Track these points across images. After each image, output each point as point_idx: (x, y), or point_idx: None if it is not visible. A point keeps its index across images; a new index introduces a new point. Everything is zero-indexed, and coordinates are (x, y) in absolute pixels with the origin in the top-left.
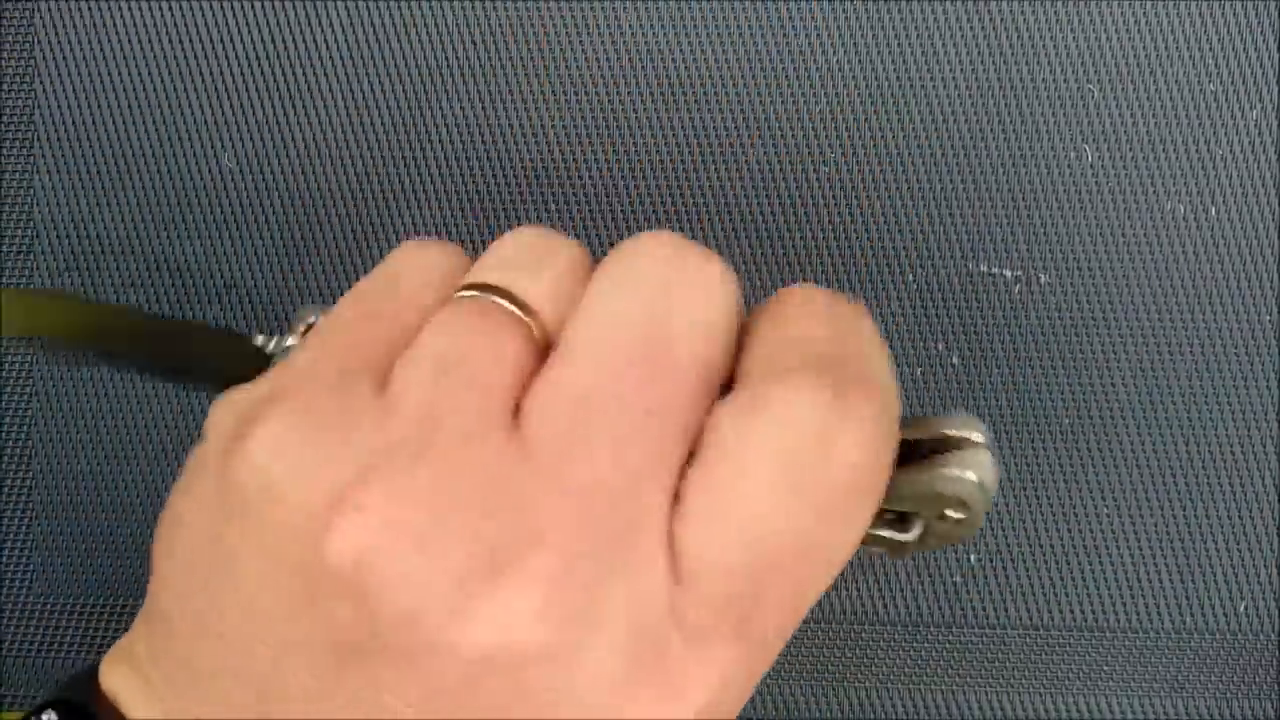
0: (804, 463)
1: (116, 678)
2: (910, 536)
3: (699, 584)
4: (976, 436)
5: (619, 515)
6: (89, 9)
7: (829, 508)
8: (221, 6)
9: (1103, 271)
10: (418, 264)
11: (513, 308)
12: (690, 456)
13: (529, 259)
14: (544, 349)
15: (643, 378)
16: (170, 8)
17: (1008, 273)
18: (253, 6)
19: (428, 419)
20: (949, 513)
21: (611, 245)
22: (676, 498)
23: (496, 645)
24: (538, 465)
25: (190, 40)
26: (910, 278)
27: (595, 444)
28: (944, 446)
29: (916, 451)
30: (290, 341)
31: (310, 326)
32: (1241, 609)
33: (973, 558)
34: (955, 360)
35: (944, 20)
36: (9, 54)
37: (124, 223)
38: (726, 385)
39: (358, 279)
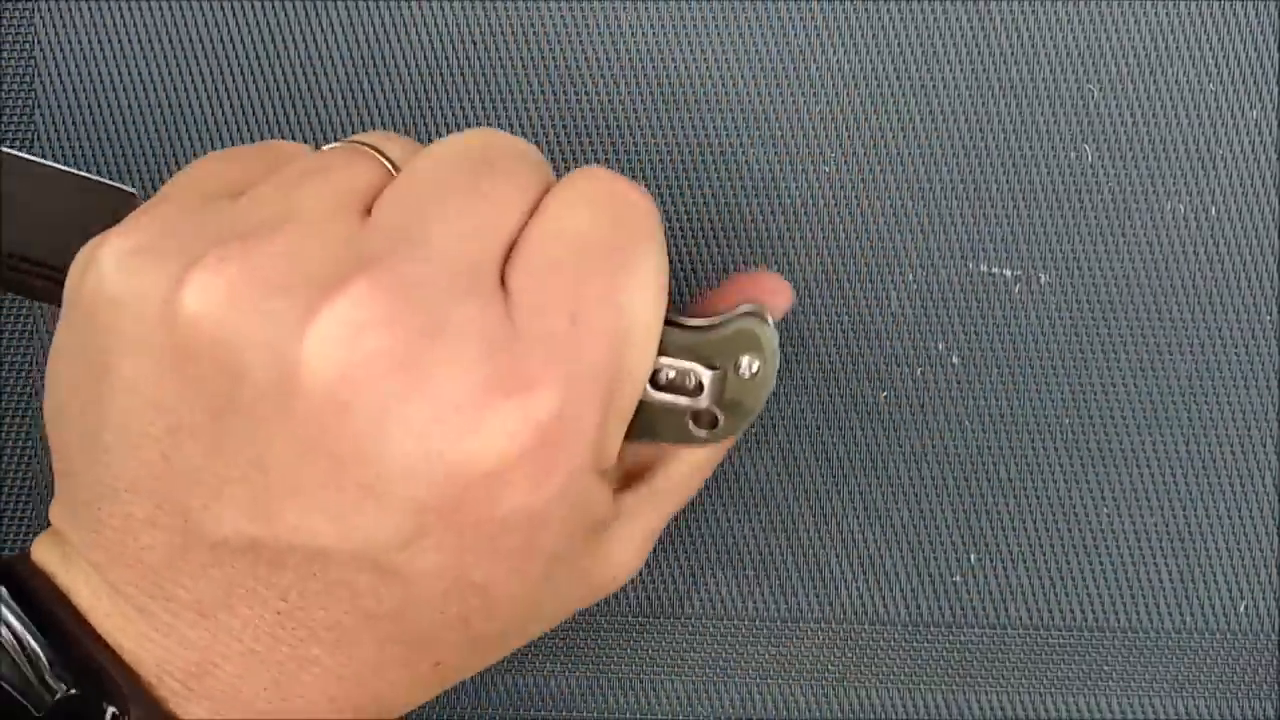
0: (598, 195)
1: (40, 550)
2: (705, 399)
3: (527, 301)
4: (766, 312)
5: (450, 260)
6: (89, 9)
7: (620, 223)
8: (221, 6)
9: (1103, 271)
10: (287, 143)
11: (376, 154)
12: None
13: (392, 137)
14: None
15: (469, 167)
16: (170, 8)
17: (1008, 272)
18: (253, 6)
19: (285, 207)
20: (744, 360)
21: None
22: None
23: (349, 361)
24: (379, 231)
25: (190, 40)
26: (910, 277)
27: (428, 214)
28: (738, 318)
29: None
30: None
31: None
32: (1241, 609)
33: (973, 557)
34: (955, 360)
35: (944, 20)
36: (9, 54)
37: None
38: None
39: None
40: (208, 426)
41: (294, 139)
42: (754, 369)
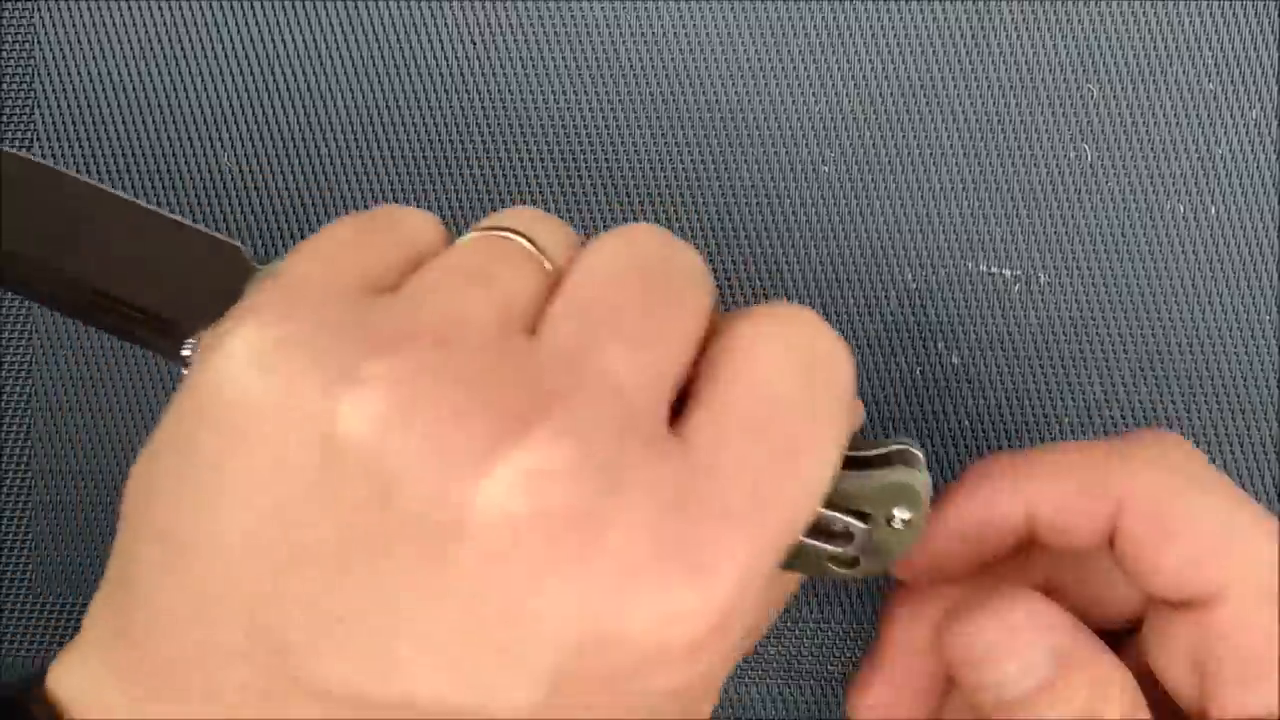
0: (802, 350)
1: (64, 674)
2: (854, 548)
3: (710, 461)
4: (916, 449)
5: (628, 402)
6: (89, 9)
7: (821, 387)
8: (222, 6)
9: (1102, 271)
10: (413, 213)
11: (530, 246)
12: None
13: (537, 218)
14: (554, 286)
15: (643, 287)
16: (170, 8)
17: (1007, 272)
18: (253, 6)
19: (451, 318)
20: (896, 513)
21: None
22: (684, 394)
23: (524, 512)
24: (554, 358)
25: (190, 40)
26: (909, 277)
27: (604, 339)
28: (889, 459)
29: (866, 464)
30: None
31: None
32: None
33: None
34: (955, 360)
35: (944, 20)
36: (9, 54)
37: None
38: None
39: None
40: (335, 554)
41: (294, 139)
42: (906, 519)
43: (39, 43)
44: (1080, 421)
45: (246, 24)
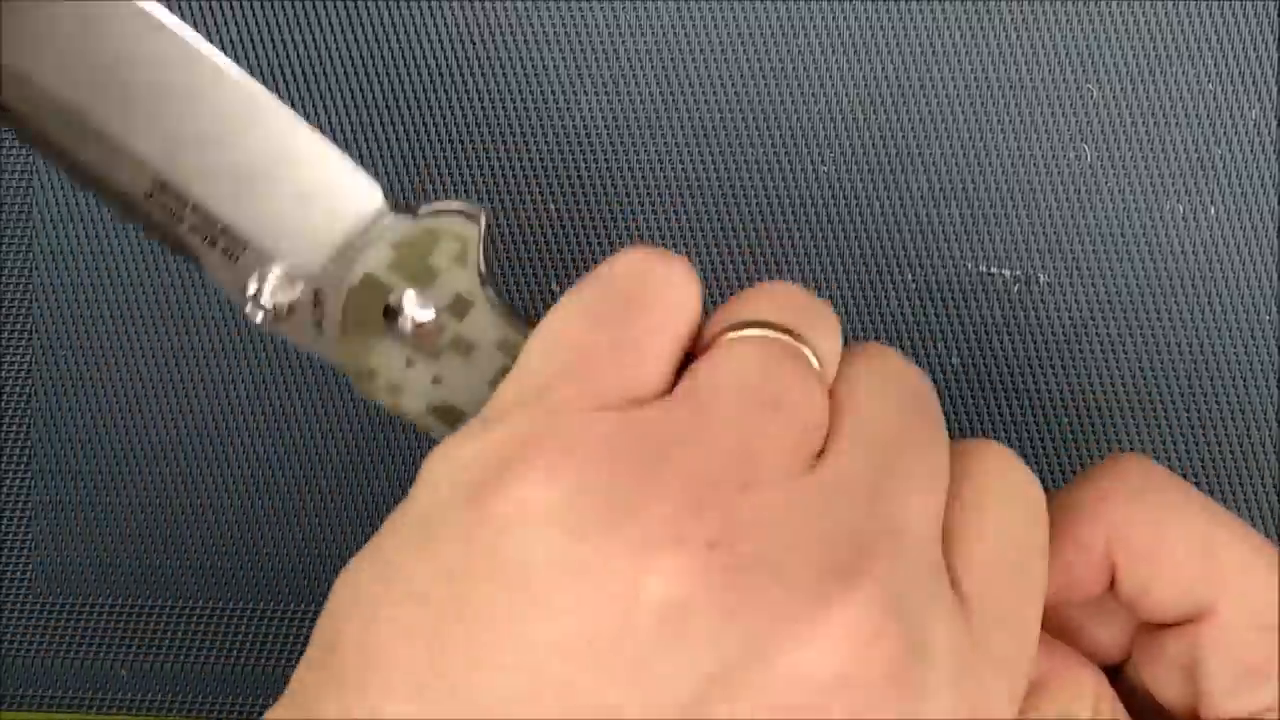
0: (1027, 496)
1: None
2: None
3: (982, 611)
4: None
5: (928, 555)
6: None
7: (1040, 523)
8: (222, 7)
9: (1102, 271)
10: (663, 283)
11: (813, 358)
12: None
13: (811, 316)
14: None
15: (926, 429)
16: (170, 8)
17: (1007, 273)
18: (253, 6)
19: (747, 455)
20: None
21: (610, 245)
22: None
23: (850, 672)
24: (853, 504)
25: None
26: (910, 278)
27: (900, 487)
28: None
29: None
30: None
31: (440, 213)
32: None
33: None
34: (956, 361)
35: (944, 20)
36: None
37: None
38: None
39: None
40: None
41: None
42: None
43: None
44: (1080, 421)
45: (247, 24)
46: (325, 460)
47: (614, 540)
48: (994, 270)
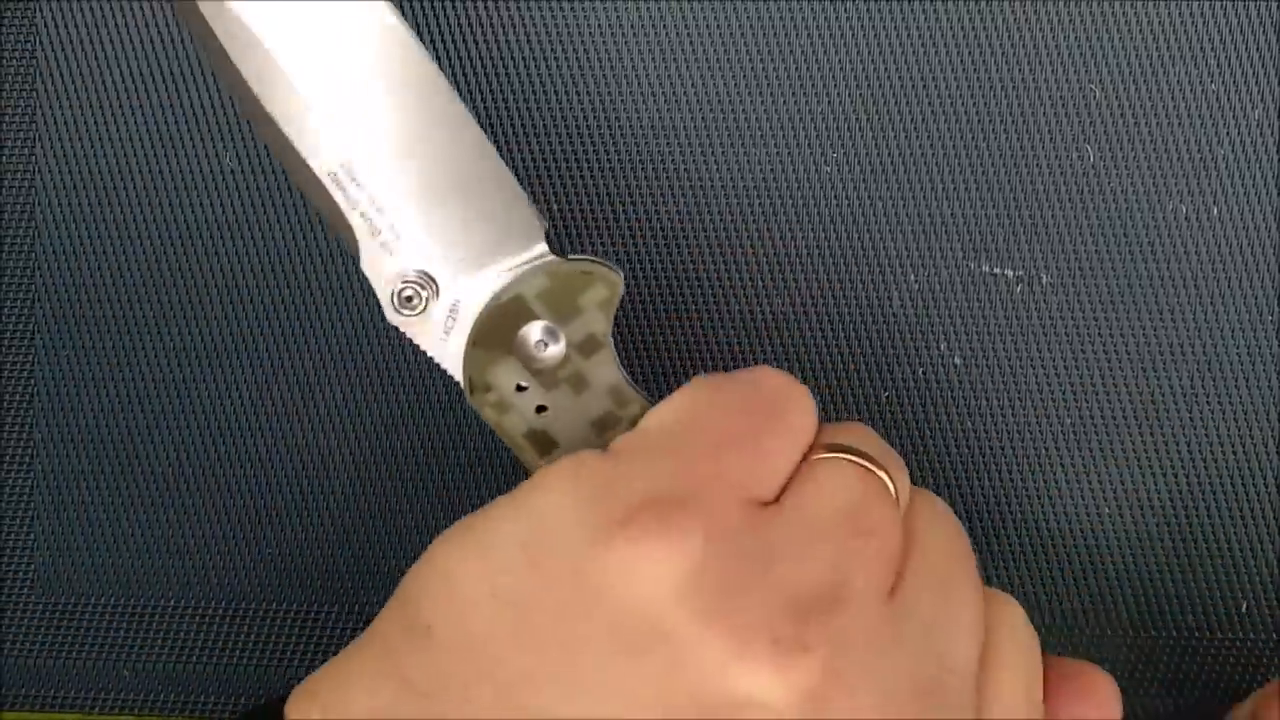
0: (1036, 657)
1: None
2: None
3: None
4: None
5: (969, 695)
6: (89, 9)
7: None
8: None
9: (1104, 271)
10: (799, 406)
11: (893, 488)
12: None
13: (891, 454)
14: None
15: (968, 571)
16: (171, 8)
17: (1009, 273)
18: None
19: (841, 573)
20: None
21: (610, 246)
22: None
23: None
24: (916, 634)
25: (190, 40)
26: (912, 278)
27: (954, 626)
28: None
29: None
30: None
31: (595, 262)
32: (1242, 609)
33: None
34: (958, 361)
35: (944, 20)
36: (9, 54)
37: (125, 222)
38: None
39: (359, 276)
40: None
41: None
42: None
43: (39, 43)
44: (1081, 421)
45: None
46: (326, 460)
47: (716, 624)
48: (996, 270)
